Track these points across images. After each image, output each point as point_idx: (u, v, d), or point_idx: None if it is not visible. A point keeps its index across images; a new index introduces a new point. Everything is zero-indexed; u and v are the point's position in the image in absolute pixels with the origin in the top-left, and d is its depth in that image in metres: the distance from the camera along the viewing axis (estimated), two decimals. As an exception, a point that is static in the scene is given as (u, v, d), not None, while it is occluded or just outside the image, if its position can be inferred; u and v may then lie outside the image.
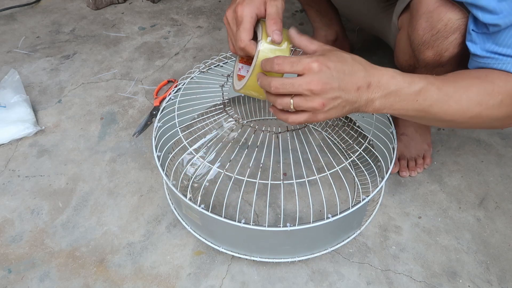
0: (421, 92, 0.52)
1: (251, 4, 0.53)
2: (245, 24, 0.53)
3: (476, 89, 0.54)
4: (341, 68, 0.47)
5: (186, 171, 0.71)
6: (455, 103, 0.54)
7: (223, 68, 0.85)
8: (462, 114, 0.55)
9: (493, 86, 0.54)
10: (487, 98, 0.54)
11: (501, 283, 0.70)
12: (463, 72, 0.57)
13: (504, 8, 0.51)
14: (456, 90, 0.54)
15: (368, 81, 0.49)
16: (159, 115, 0.75)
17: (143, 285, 0.70)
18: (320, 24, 1.06)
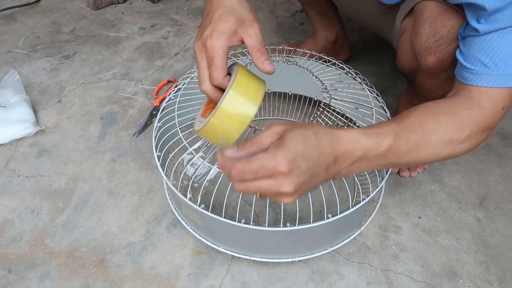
0: (389, 149, 0.49)
1: (221, 37, 0.49)
2: (217, 61, 0.49)
3: (445, 127, 0.52)
4: (306, 154, 0.42)
5: (186, 171, 0.71)
6: (425, 148, 0.52)
7: None
8: (434, 157, 0.54)
9: (461, 118, 0.53)
10: (457, 134, 0.53)
11: (501, 283, 0.70)
12: (430, 109, 0.54)
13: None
14: (425, 134, 0.52)
15: (334, 156, 0.45)
16: (159, 115, 0.75)
17: (143, 285, 0.70)
18: (320, 24, 1.06)
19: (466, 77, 0.55)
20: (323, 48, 1.08)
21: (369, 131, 0.48)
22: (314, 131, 0.44)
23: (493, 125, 0.55)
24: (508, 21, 0.50)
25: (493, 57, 0.52)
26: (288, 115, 1.00)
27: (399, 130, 0.50)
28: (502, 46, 0.51)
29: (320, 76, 0.80)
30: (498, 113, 0.54)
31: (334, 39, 1.08)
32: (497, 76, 0.52)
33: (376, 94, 0.80)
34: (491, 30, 0.51)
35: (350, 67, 0.86)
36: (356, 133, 0.47)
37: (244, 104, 0.48)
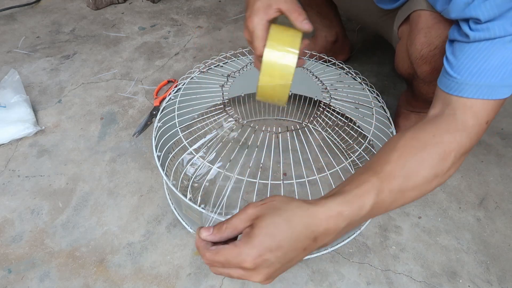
0: (372, 208, 0.47)
1: (258, 13, 0.53)
2: (257, 33, 0.53)
3: (428, 164, 0.50)
4: (276, 245, 0.41)
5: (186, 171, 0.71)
6: (411, 191, 0.50)
7: (223, 68, 0.85)
8: (421, 194, 0.52)
9: (444, 147, 0.50)
10: (442, 165, 0.50)
11: (501, 283, 0.70)
12: (411, 145, 0.51)
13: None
14: (408, 178, 0.49)
15: (313, 236, 0.43)
16: (159, 115, 0.75)
17: (143, 285, 0.70)
18: (320, 25, 1.06)
19: (451, 86, 0.53)
20: (323, 48, 1.08)
21: (349, 197, 0.46)
22: (287, 217, 0.42)
23: (476, 143, 0.53)
24: (499, 31, 0.48)
25: (482, 67, 0.50)
26: (288, 115, 1.00)
27: (379, 184, 0.48)
28: (492, 56, 0.49)
29: (320, 76, 0.80)
30: (482, 129, 0.52)
31: (334, 39, 1.08)
32: (484, 87, 0.50)
33: (376, 94, 0.80)
34: (482, 39, 0.50)
35: (350, 67, 0.86)
36: (337, 205, 0.44)
37: (282, 54, 0.51)
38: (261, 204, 0.43)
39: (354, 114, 0.75)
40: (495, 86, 0.50)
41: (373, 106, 0.75)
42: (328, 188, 0.81)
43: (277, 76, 0.52)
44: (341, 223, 0.44)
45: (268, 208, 0.43)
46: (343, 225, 0.44)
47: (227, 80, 0.78)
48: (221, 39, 1.28)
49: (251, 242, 0.41)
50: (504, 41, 0.48)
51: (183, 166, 0.73)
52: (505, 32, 0.48)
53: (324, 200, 0.45)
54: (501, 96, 0.51)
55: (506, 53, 0.49)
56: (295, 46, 0.52)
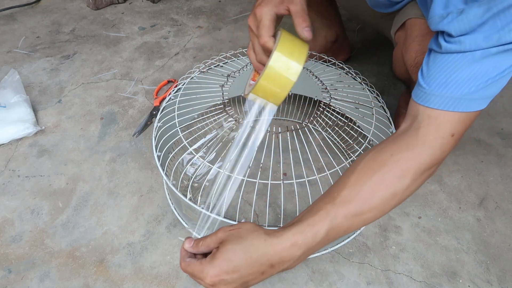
0: (328, 234, 0.50)
1: (269, 4, 0.53)
2: (264, 21, 0.53)
3: (385, 184, 0.51)
4: (232, 268, 0.48)
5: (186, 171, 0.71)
6: (369, 213, 0.51)
7: (223, 68, 0.85)
8: (382, 213, 0.53)
9: (401, 165, 0.51)
10: (400, 184, 0.51)
11: (501, 283, 0.70)
12: (368, 167, 0.52)
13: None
14: (365, 201, 0.50)
15: (270, 263, 0.49)
16: (159, 115, 0.75)
17: (143, 285, 0.70)
18: (320, 25, 1.06)
19: (420, 96, 0.53)
20: (323, 48, 1.08)
21: (303, 227, 0.49)
22: (245, 246, 0.48)
23: (441, 157, 0.52)
24: (470, 45, 0.47)
25: (449, 79, 0.50)
26: (288, 115, 1.00)
27: (334, 210, 0.50)
28: (460, 69, 0.49)
29: (320, 76, 0.80)
30: (447, 142, 0.51)
31: (333, 39, 1.08)
32: (449, 98, 0.50)
33: (376, 94, 0.80)
34: (453, 51, 0.49)
35: (350, 67, 0.86)
36: (291, 235, 0.48)
37: (289, 63, 0.51)
38: (229, 230, 0.50)
39: (354, 114, 0.75)
40: (461, 99, 0.50)
41: (373, 106, 0.75)
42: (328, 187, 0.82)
43: (277, 84, 0.53)
44: (296, 251, 0.49)
45: (233, 235, 0.50)
46: (298, 253, 0.49)
47: (227, 80, 0.78)
48: (221, 39, 1.28)
49: (212, 262, 0.49)
50: (474, 55, 0.48)
51: (183, 166, 0.73)
52: (476, 46, 0.47)
53: (282, 231, 0.49)
54: (468, 109, 0.50)
55: (475, 67, 0.48)
56: (302, 59, 0.53)
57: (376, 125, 0.72)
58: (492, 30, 0.45)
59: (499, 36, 0.45)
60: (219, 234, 0.51)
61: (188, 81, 0.81)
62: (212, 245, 0.51)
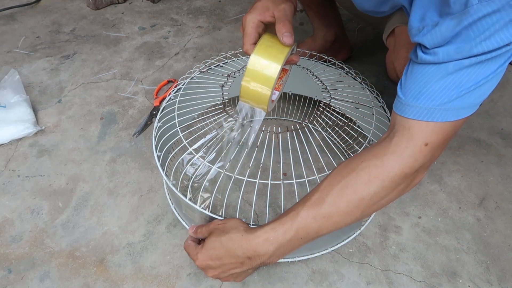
0: (297, 233, 0.53)
1: (254, 11, 0.56)
2: (246, 30, 0.57)
3: (352, 188, 0.52)
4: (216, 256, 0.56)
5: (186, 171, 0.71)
6: (337, 216, 0.53)
7: (223, 68, 0.85)
8: (352, 217, 0.54)
9: (369, 171, 0.52)
10: (366, 189, 0.52)
11: (501, 283, 0.70)
12: (339, 173, 0.54)
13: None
14: (332, 204, 0.52)
15: (247, 256, 0.54)
16: (159, 115, 0.75)
17: (143, 285, 0.70)
18: (319, 24, 1.06)
19: (397, 106, 0.54)
20: (322, 47, 1.08)
21: (275, 224, 0.54)
22: (224, 240, 0.55)
23: (414, 166, 0.52)
24: (443, 56, 0.48)
25: (423, 89, 0.50)
26: (288, 115, 1.00)
27: (304, 211, 0.53)
28: (434, 80, 0.49)
29: (320, 76, 0.80)
30: (420, 151, 0.51)
31: (333, 39, 1.08)
32: (422, 109, 0.50)
33: (376, 94, 0.80)
34: (427, 62, 0.50)
35: (350, 67, 0.86)
36: (264, 232, 0.54)
37: (265, 63, 0.54)
38: (218, 224, 0.59)
39: (354, 114, 0.75)
40: (434, 109, 0.50)
41: (373, 106, 0.75)
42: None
43: (258, 82, 0.55)
44: (268, 247, 0.53)
45: (218, 229, 0.57)
46: (271, 249, 0.53)
47: (227, 80, 0.78)
48: (221, 39, 1.28)
49: (201, 250, 0.58)
50: (447, 67, 0.48)
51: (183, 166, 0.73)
52: (449, 57, 0.47)
53: (258, 228, 0.55)
54: (443, 119, 0.50)
55: (448, 79, 0.48)
56: (280, 58, 0.54)
57: (376, 125, 0.72)
58: (464, 42, 0.46)
59: (470, 47, 0.46)
60: (210, 226, 0.59)
61: (188, 81, 0.81)
62: (205, 234, 0.60)
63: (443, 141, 0.52)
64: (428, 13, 0.48)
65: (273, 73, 0.54)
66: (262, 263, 0.55)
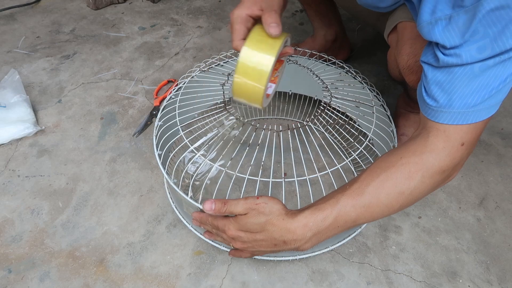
0: (336, 220, 0.54)
1: (241, 6, 0.55)
2: (234, 25, 0.56)
3: (392, 181, 0.53)
4: (252, 237, 0.56)
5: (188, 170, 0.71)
6: (376, 207, 0.54)
7: (223, 67, 0.85)
8: (388, 211, 0.55)
9: (409, 167, 0.53)
10: (407, 184, 0.53)
11: (501, 283, 0.70)
12: (379, 166, 0.55)
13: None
14: (372, 195, 0.53)
15: (283, 240, 0.55)
16: (159, 114, 0.75)
17: (143, 285, 0.70)
18: (319, 24, 1.06)
19: (426, 111, 0.54)
20: (322, 47, 1.08)
21: (314, 210, 0.54)
22: (266, 220, 0.55)
23: (452, 164, 0.54)
24: (466, 57, 0.47)
25: (454, 96, 0.50)
26: (289, 114, 1.00)
27: (344, 199, 0.54)
28: (463, 84, 0.49)
29: (320, 75, 0.80)
30: (457, 151, 0.53)
31: (333, 38, 1.08)
32: (456, 114, 0.51)
33: (376, 93, 0.80)
34: (451, 64, 0.49)
35: (350, 66, 0.86)
36: (303, 218, 0.54)
37: (257, 58, 0.51)
38: (256, 204, 0.56)
39: (355, 113, 0.75)
40: (468, 112, 0.50)
41: (374, 104, 0.75)
42: (328, 188, 0.82)
43: (251, 77, 0.52)
44: (306, 232, 0.54)
45: (257, 210, 0.56)
46: (309, 235, 0.54)
47: (228, 78, 0.78)
48: (221, 39, 1.28)
49: (236, 222, 0.57)
50: (473, 69, 0.48)
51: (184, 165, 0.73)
52: (472, 58, 0.47)
53: (297, 212, 0.55)
54: (476, 120, 0.51)
55: (477, 81, 0.48)
56: (273, 51, 0.52)
57: (376, 124, 0.72)
58: (484, 40, 0.46)
59: (492, 47, 0.46)
60: (247, 203, 0.56)
61: (188, 80, 0.81)
62: (239, 210, 0.57)
63: (477, 137, 0.54)
64: (439, 6, 0.48)
65: (266, 67, 0.51)
66: (295, 248, 0.55)
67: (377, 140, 0.71)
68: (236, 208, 0.57)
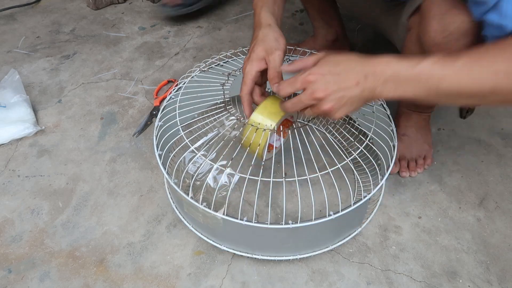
0: (420, 74, 0.51)
1: (252, 62, 0.63)
2: (245, 79, 0.64)
3: (490, 57, 0.49)
4: (334, 71, 0.54)
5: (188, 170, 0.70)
6: (466, 76, 0.50)
7: (223, 67, 0.85)
8: (479, 86, 0.50)
9: (510, 50, 0.49)
10: (506, 63, 0.48)
11: (501, 283, 0.70)
12: (478, 46, 0.52)
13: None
14: (465, 64, 0.50)
15: (364, 74, 0.53)
16: (159, 114, 0.75)
17: (143, 285, 0.70)
18: (320, 23, 1.06)
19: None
20: (323, 47, 1.08)
21: (401, 58, 0.52)
22: (345, 57, 0.54)
23: None
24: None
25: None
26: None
27: (433, 58, 0.51)
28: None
29: None
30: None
31: (333, 38, 1.08)
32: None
33: None
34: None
35: None
36: (388, 57, 0.52)
37: (262, 121, 0.63)
38: (326, 53, 0.57)
39: (355, 113, 0.75)
40: None
41: (373, 104, 0.75)
42: (328, 188, 0.82)
43: (255, 138, 0.63)
44: (387, 70, 0.52)
45: (330, 55, 0.56)
46: (389, 73, 0.52)
47: (228, 78, 0.78)
48: (221, 39, 1.28)
49: (317, 65, 0.55)
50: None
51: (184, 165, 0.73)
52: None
53: (381, 55, 0.53)
54: None
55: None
56: (275, 119, 0.62)
57: (376, 123, 0.72)
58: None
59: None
60: (318, 55, 0.57)
61: (189, 80, 0.81)
62: (310, 62, 0.57)
63: None
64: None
65: (268, 129, 0.62)
66: (373, 88, 0.53)
67: (378, 139, 0.71)
68: (311, 58, 0.57)
